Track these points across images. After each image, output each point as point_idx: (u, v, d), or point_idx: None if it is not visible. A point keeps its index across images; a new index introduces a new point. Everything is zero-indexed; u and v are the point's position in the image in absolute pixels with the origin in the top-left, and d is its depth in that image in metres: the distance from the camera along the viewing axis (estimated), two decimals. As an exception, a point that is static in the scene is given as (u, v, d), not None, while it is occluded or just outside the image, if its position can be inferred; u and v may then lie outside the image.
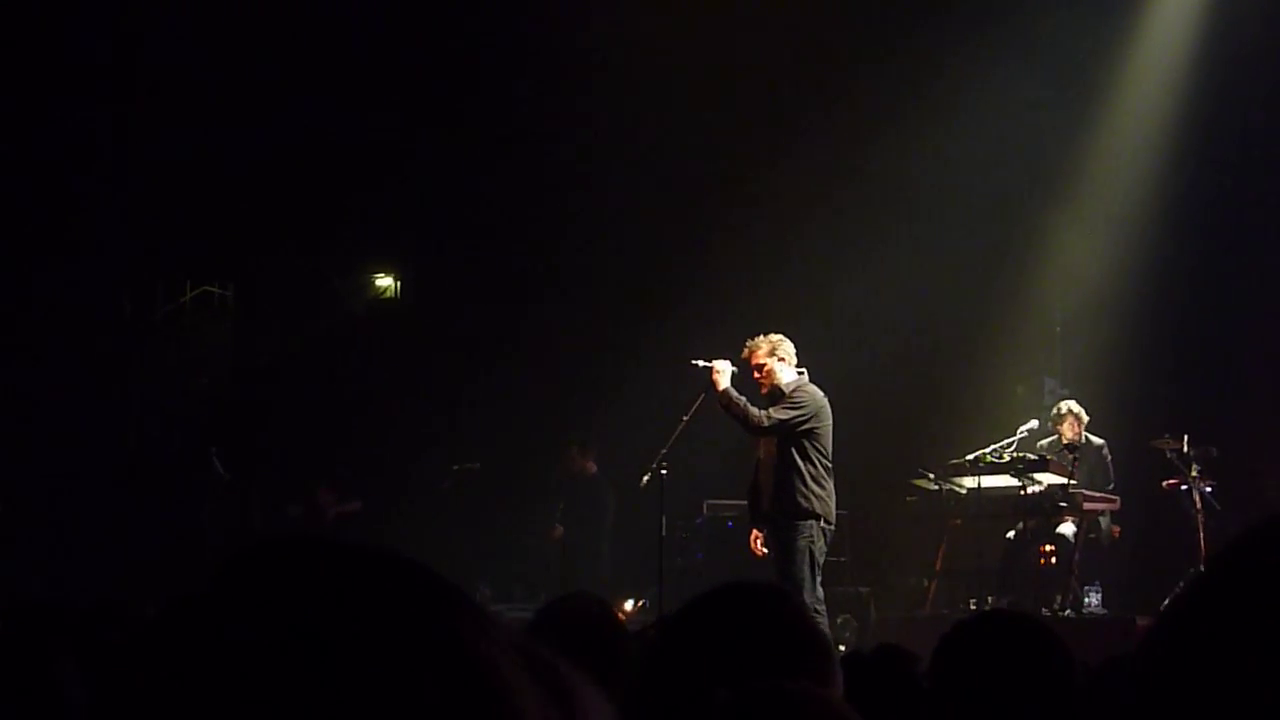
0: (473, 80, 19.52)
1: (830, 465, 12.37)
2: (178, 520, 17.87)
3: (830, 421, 12.40)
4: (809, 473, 12.23)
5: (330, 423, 19.70)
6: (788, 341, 12.53)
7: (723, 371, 12.41)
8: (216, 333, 20.30)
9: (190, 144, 18.48)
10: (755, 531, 12.70)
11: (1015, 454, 15.39)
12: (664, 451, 13.05)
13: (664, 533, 13.62)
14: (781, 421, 12.26)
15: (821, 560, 12.29)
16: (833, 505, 12.37)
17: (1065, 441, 15.59)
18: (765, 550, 12.51)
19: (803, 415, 12.28)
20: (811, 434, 12.28)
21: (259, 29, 18.36)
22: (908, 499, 16.62)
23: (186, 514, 18.04)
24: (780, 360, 12.43)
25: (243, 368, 20.37)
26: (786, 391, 12.37)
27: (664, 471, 13.10)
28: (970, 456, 15.52)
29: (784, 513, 12.24)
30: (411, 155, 19.67)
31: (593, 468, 18.59)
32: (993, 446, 15.56)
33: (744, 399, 12.36)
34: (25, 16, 17.84)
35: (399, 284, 21.51)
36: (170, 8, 18.36)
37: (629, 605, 17.05)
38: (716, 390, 12.40)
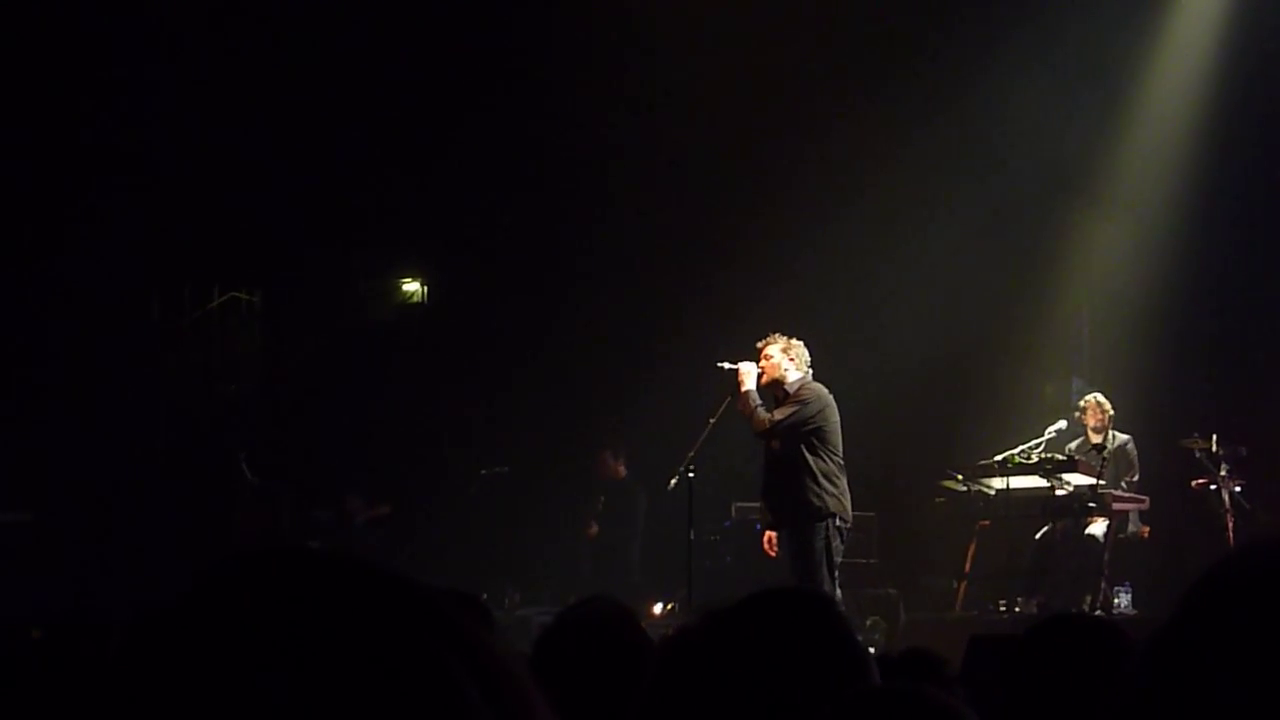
0: (498, 85, 19.51)
1: (842, 463, 12.37)
2: (207, 526, 17.89)
3: (837, 419, 12.41)
4: (820, 471, 12.24)
5: (358, 427, 19.73)
6: (804, 349, 12.57)
7: (748, 374, 12.44)
8: (244, 338, 20.33)
9: (218, 149, 18.51)
10: (768, 533, 12.71)
11: (1044, 455, 15.37)
12: (691, 454, 13.07)
13: (692, 536, 13.62)
14: (780, 422, 12.29)
15: (839, 560, 12.29)
16: (848, 503, 12.36)
17: (1089, 429, 15.61)
18: (777, 551, 12.52)
19: (804, 414, 12.29)
20: (819, 432, 12.29)
21: (290, 34, 18.38)
22: (936, 500, 16.59)
23: (216, 520, 18.07)
24: (790, 360, 12.45)
25: (271, 373, 20.40)
26: (791, 390, 12.39)
27: (691, 474, 13.11)
28: (999, 457, 15.50)
29: (797, 513, 12.25)
30: (439, 160, 19.67)
31: (623, 471, 18.62)
32: (1021, 447, 15.55)
33: (760, 402, 12.39)
34: (57, 20, 17.88)
35: (426, 289, 21.51)
36: (203, 11, 18.40)
37: (657, 608, 17.04)
38: (738, 391, 12.44)
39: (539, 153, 19.62)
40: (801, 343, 12.61)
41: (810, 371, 12.57)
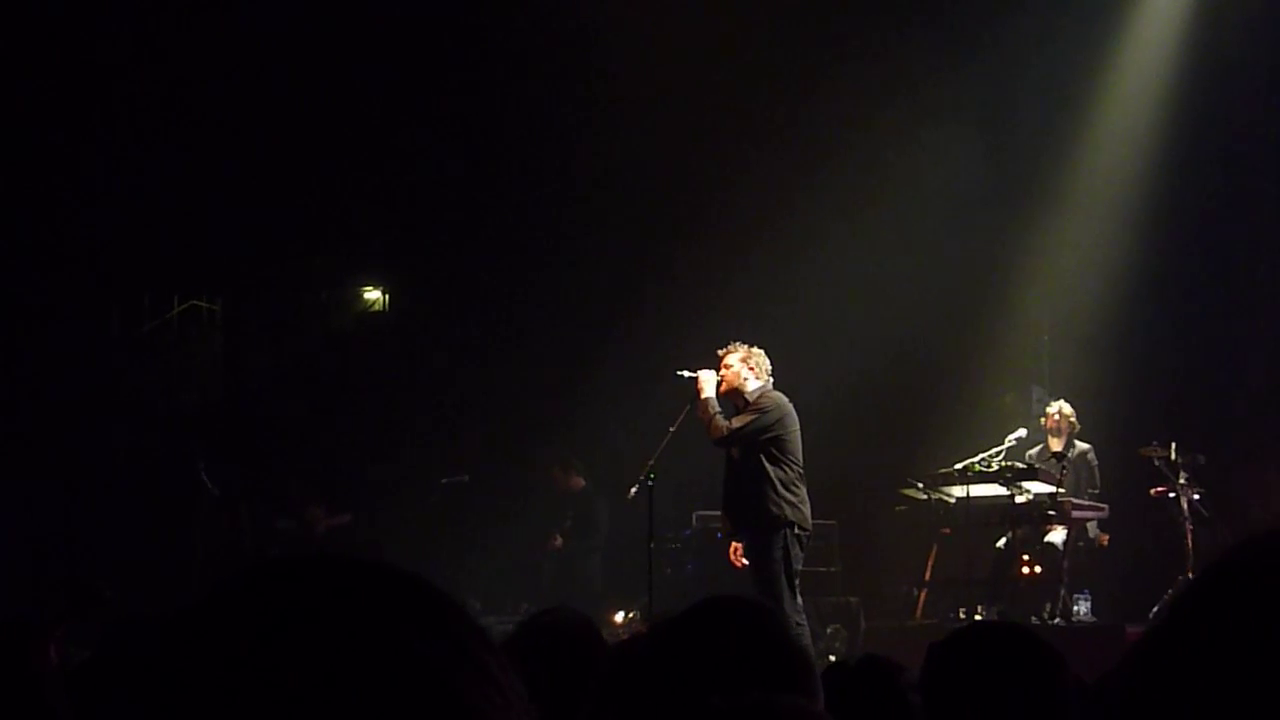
0: (459, 94, 19.52)
1: (801, 471, 12.37)
2: (167, 535, 17.83)
3: (797, 427, 12.41)
4: (779, 479, 12.23)
5: (319, 436, 19.70)
6: (765, 358, 12.58)
7: (707, 381, 12.44)
8: (205, 347, 20.28)
9: (178, 157, 18.48)
10: (734, 544, 12.71)
11: (1004, 463, 15.41)
12: (652, 463, 13.05)
13: (653, 544, 13.61)
14: (738, 430, 12.29)
15: (799, 568, 12.29)
16: (807, 511, 12.35)
17: (1050, 436, 15.67)
18: (745, 561, 12.52)
19: (763, 423, 12.29)
20: (778, 441, 12.29)
21: (246, 43, 18.36)
22: (897, 509, 16.62)
23: (176, 529, 18.00)
24: (750, 369, 12.46)
25: (231, 382, 20.35)
26: (750, 399, 12.40)
27: (652, 483, 13.10)
28: (959, 466, 15.53)
29: (757, 522, 12.25)
30: (400, 169, 19.67)
31: (580, 482, 18.63)
32: (981, 455, 15.59)
33: (719, 411, 12.39)
34: (12, 29, 17.82)
35: (387, 297, 21.50)
36: (158, 20, 18.35)
37: (619, 617, 17.05)
38: (697, 399, 12.45)
39: (500, 162, 19.64)
40: (762, 351, 12.62)
41: (770, 380, 12.58)
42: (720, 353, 12.59)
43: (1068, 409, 15.86)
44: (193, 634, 1.22)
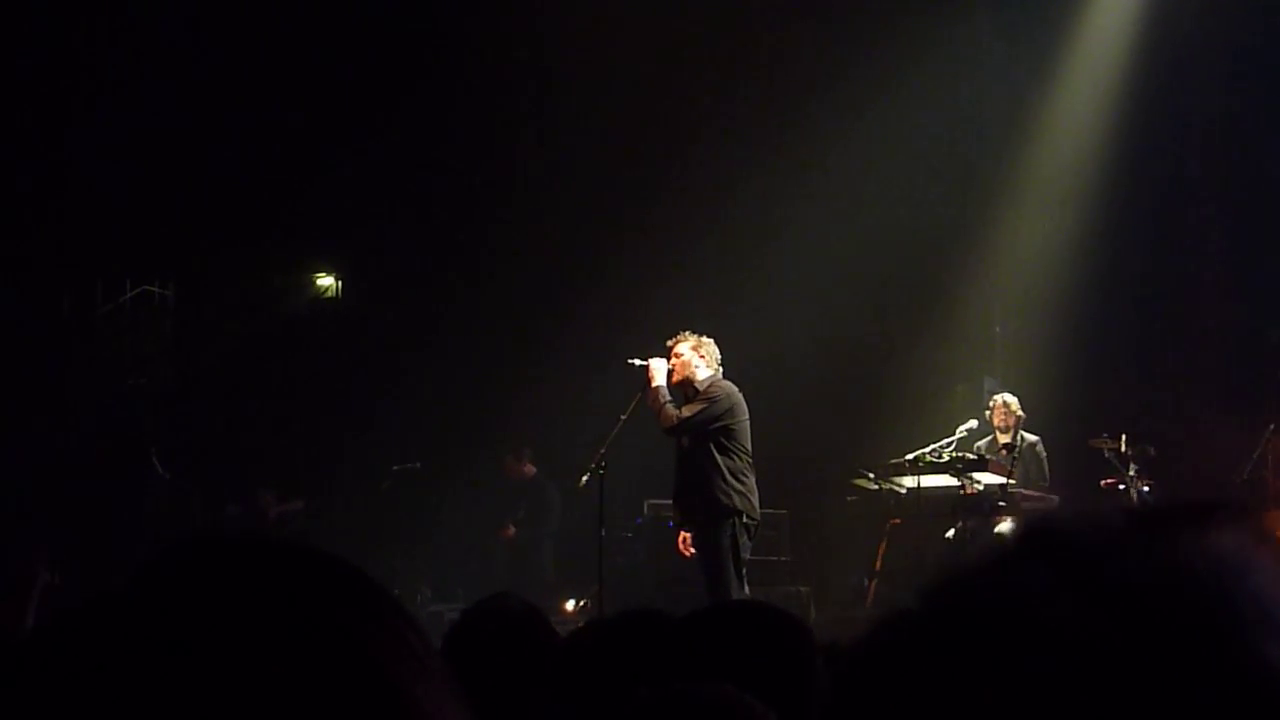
0: (411, 82, 19.50)
1: (751, 461, 12.38)
2: (117, 520, 17.76)
3: (747, 417, 12.42)
4: (728, 468, 12.23)
5: (271, 422, 19.65)
6: (714, 346, 12.58)
7: (658, 370, 12.44)
8: (157, 332, 20.19)
9: (130, 142, 18.40)
10: (683, 533, 12.72)
11: (954, 454, 15.45)
12: (603, 451, 13.05)
13: (604, 533, 13.62)
14: (688, 419, 12.29)
15: (746, 557, 12.30)
16: (755, 501, 12.37)
17: (996, 430, 15.73)
18: (694, 551, 12.53)
19: (712, 412, 12.29)
20: (727, 430, 12.29)
21: (199, 28, 18.30)
22: (848, 499, 16.66)
23: (126, 514, 17.94)
24: (700, 358, 12.46)
25: (183, 367, 20.28)
26: (700, 388, 12.40)
27: (603, 471, 13.10)
28: (910, 456, 15.56)
29: (704, 511, 12.25)
30: (353, 155, 19.63)
31: (532, 470, 18.63)
32: (932, 446, 15.62)
33: (670, 400, 12.40)
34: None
35: (340, 284, 21.46)
36: (113, 4, 18.29)
37: (570, 605, 17.05)
38: (646, 387, 12.45)
39: (451, 151, 19.62)
40: (712, 340, 12.62)
41: (721, 370, 12.59)
42: (670, 343, 12.58)
43: (1012, 401, 15.89)
44: (114, 614, 1.23)
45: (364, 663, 1.22)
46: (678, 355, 12.50)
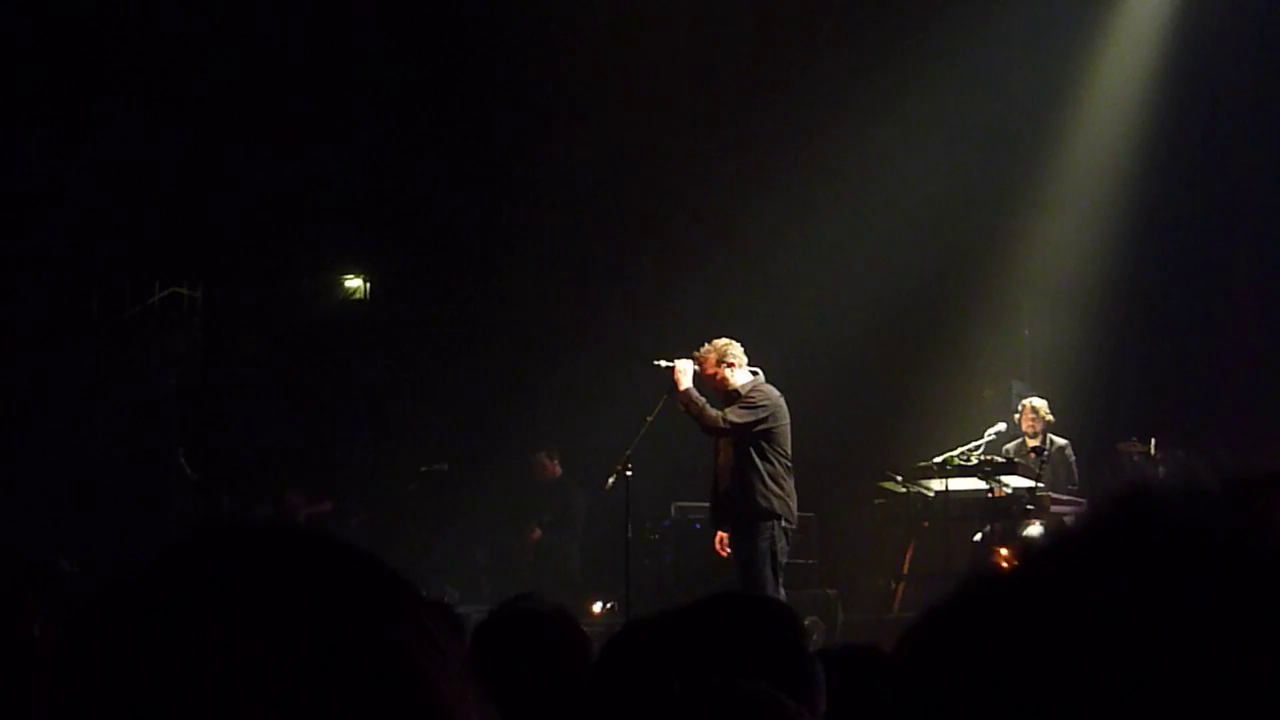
0: (438, 85, 19.52)
1: (790, 465, 12.37)
2: (146, 521, 17.80)
3: (788, 421, 12.40)
4: (768, 473, 12.22)
5: (299, 423, 19.68)
6: (735, 345, 12.52)
7: (684, 371, 12.41)
8: (185, 334, 20.24)
9: (160, 144, 18.44)
10: (720, 534, 12.69)
11: (982, 456, 15.42)
12: (629, 453, 13.03)
13: (630, 535, 13.60)
14: (737, 423, 12.26)
15: (784, 561, 12.30)
16: (794, 505, 12.36)
17: (1023, 433, 15.68)
18: (729, 551, 12.50)
19: (759, 416, 12.28)
20: (769, 434, 12.28)
21: (229, 30, 18.34)
22: (875, 501, 16.62)
23: (155, 515, 17.97)
24: (730, 365, 12.42)
25: (211, 369, 20.32)
26: (742, 393, 12.37)
27: (629, 473, 13.08)
28: (938, 459, 15.53)
29: (744, 514, 12.23)
30: (382, 157, 19.67)
31: (559, 471, 18.62)
32: (960, 449, 15.59)
33: (703, 400, 12.38)
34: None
35: (368, 285, 21.49)
36: (142, 8, 18.32)
37: (597, 607, 17.03)
38: (677, 390, 12.41)
39: (479, 152, 19.62)
40: (728, 340, 12.56)
41: (760, 373, 12.56)
42: (696, 366, 12.51)
43: (1041, 405, 15.83)
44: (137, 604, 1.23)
45: (384, 650, 1.21)
46: (713, 375, 12.43)
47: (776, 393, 12.47)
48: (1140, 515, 1.07)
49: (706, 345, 12.56)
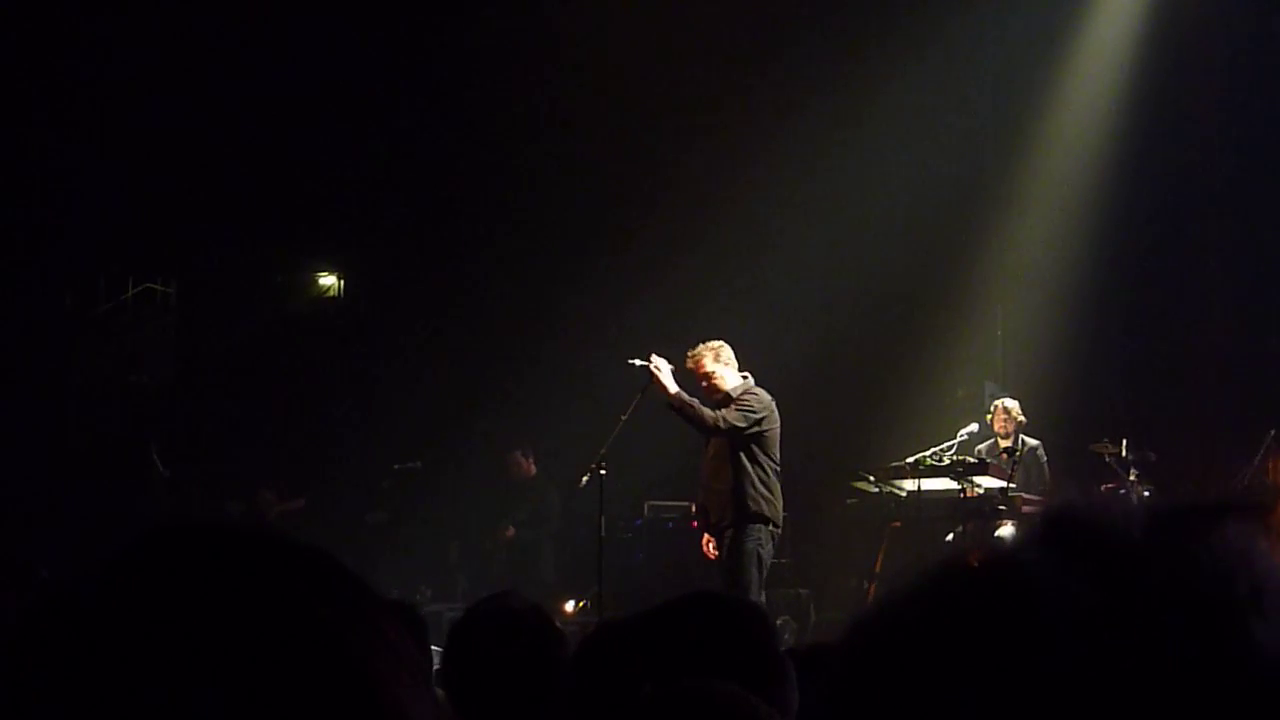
0: (413, 81, 19.51)
1: (778, 469, 12.41)
2: (117, 517, 17.75)
3: (778, 425, 12.45)
4: (758, 476, 12.25)
5: (272, 420, 19.66)
6: (727, 346, 12.57)
7: (663, 370, 12.40)
8: (158, 330, 20.20)
9: (132, 140, 18.40)
10: (706, 535, 12.70)
11: (955, 457, 15.43)
12: (603, 451, 13.02)
13: (603, 533, 13.60)
14: (736, 425, 12.28)
15: (769, 563, 12.33)
16: (780, 509, 12.41)
17: (996, 434, 15.70)
18: (717, 553, 12.51)
19: (755, 419, 12.31)
20: (761, 438, 12.31)
21: (203, 28, 18.30)
22: (848, 501, 16.62)
23: (126, 511, 17.93)
24: (725, 366, 12.45)
25: (184, 365, 20.29)
26: (735, 395, 12.38)
27: (603, 472, 13.08)
28: (910, 459, 15.53)
29: (733, 516, 12.24)
30: (355, 154, 19.65)
31: (534, 469, 18.60)
32: (933, 449, 15.59)
33: (695, 400, 12.38)
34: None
35: (341, 282, 21.47)
36: (115, 4, 18.29)
37: (569, 606, 17.03)
38: (667, 394, 12.39)
39: (452, 150, 19.62)
40: (721, 341, 12.60)
41: (750, 377, 12.57)
42: (690, 364, 12.51)
43: (1013, 406, 15.86)
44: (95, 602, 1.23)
45: (336, 651, 1.22)
46: (709, 375, 12.44)
47: (769, 396, 12.50)
48: (1064, 539, 1.11)
49: (701, 345, 12.57)
